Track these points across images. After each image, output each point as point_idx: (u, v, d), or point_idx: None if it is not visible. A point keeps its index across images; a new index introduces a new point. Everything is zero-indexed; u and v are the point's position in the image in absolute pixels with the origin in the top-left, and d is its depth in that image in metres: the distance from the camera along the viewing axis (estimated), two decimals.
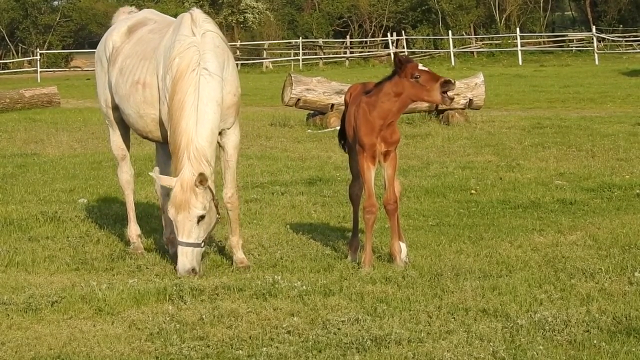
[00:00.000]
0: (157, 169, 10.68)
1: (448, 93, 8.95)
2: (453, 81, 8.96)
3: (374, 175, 9.43)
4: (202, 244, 9.44)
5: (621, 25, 72.00)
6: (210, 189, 9.37)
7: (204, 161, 9.33)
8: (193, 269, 9.30)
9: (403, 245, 9.62)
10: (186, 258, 9.32)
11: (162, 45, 9.96)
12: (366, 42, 76.00)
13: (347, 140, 9.91)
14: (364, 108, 9.29)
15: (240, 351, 7.11)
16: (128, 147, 11.07)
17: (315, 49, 71.23)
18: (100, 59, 10.91)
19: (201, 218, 9.32)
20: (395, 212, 9.48)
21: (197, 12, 10.07)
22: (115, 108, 10.62)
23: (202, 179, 9.23)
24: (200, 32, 9.73)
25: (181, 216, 9.29)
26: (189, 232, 9.30)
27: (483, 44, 68.91)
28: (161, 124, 9.96)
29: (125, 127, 10.77)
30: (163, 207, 10.31)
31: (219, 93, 9.55)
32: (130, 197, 11.04)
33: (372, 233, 9.58)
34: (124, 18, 11.19)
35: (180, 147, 9.36)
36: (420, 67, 9.01)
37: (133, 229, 10.86)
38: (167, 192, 9.86)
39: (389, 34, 69.85)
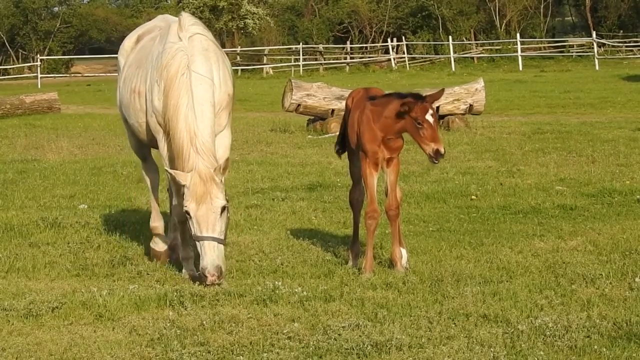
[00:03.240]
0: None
1: (435, 159, 8.85)
2: (443, 153, 8.82)
3: (376, 180, 9.44)
4: (225, 241, 9.17)
5: (621, 31, 72.04)
6: (222, 182, 9.20)
7: (211, 155, 9.19)
8: (220, 268, 8.97)
9: (404, 251, 9.63)
10: (214, 253, 8.97)
11: (151, 54, 9.91)
12: (366, 47, 76.04)
13: (347, 145, 9.90)
14: (368, 115, 9.26)
15: (241, 357, 7.11)
16: (149, 147, 10.75)
17: (316, 55, 71.26)
18: (119, 67, 10.91)
19: (223, 209, 9.06)
20: (397, 218, 9.49)
21: (184, 17, 9.91)
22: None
23: (226, 165, 9.10)
24: (187, 36, 9.63)
25: (204, 208, 8.99)
26: (213, 225, 8.99)
27: (483, 49, 68.93)
28: (149, 133, 9.88)
29: (137, 134, 10.53)
30: (173, 211, 10.05)
31: (212, 95, 9.49)
32: (155, 191, 10.78)
33: (374, 239, 9.58)
34: (140, 26, 11.19)
35: (184, 145, 9.19)
36: (429, 114, 8.81)
37: (157, 221, 10.60)
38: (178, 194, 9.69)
39: (389, 40, 69.85)
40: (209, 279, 8.90)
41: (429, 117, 8.81)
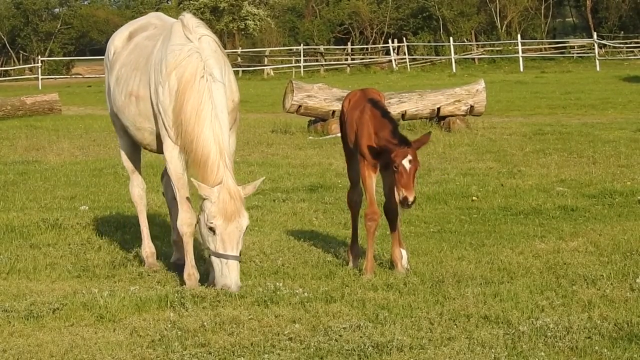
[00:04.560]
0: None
1: (402, 205, 8.90)
2: (410, 202, 8.83)
3: (375, 182, 9.44)
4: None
5: (622, 32, 71.97)
6: None
7: (232, 168, 8.99)
8: (240, 286, 8.83)
9: (404, 252, 9.62)
10: (237, 273, 8.81)
11: (153, 57, 9.49)
12: (367, 48, 76.02)
13: (345, 146, 9.89)
14: (368, 119, 9.24)
15: (242, 358, 7.11)
16: (138, 158, 10.56)
17: (317, 56, 71.27)
18: (106, 64, 10.51)
19: (246, 228, 8.92)
20: (397, 219, 9.47)
21: (188, 18, 9.51)
22: (117, 116, 10.18)
23: (255, 186, 9.01)
24: (196, 37, 9.26)
25: (232, 227, 8.74)
26: (237, 243, 8.79)
27: (484, 50, 68.92)
28: (158, 137, 9.53)
29: (132, 137, 10.22)
30: (173, 222, 9.87)
31: (225, 100, 9.17)
32: (143, 214, 10.49)
33: (374, 240, 9.57)
34: (129, 22, 10.83)
35: (210, 156, 8.84)
36: (406, 160, 8.80)
37: (147, 247, 10.36)
38: (175, 205, 9.51)
39: (390, 41, 69.88)
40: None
41: (405, 162, 8.82)
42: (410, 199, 8.82)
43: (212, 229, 8.78)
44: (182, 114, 9.02)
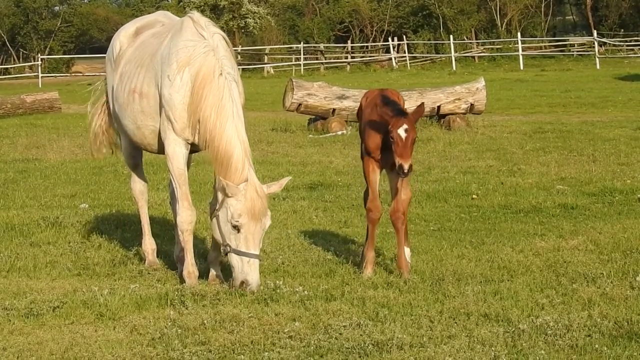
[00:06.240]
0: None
1: (400, 173, 8.83)
2: (405, 170, 8.74)
3: (379, 179, 9.41)
4: None
5: (622, 30, 72.00)
6: None
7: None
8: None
9: (407, 250, 9.57)
10: (257, 271, 8.78)
11: (160, 53, 9.37)
12: (367, 47, 76.05)
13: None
14: (374, 116, 9.24)
15: (242, 356, 7.11)
16: (140, 154, 10.46)
17: (317, 54, 71.25)
18: (109, 61, 10.35)
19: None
20: (399, 221, 9.34)
21: (197, 15, 9.46)
22: (118, 115, 10.03)
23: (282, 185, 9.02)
24: (209, 35, 9.18)
25: (259, 226, 8.75)
26: (259, 242, 8.81)
27: (484, 48, 68.92)
28: (159, 136, 9.43)
29: (131, 137, 10.02)
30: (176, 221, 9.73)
31: (239, 99, 9.12)
32: (144, 210, 10.42)
33: (374, 238, 9.54)
34: (136, 18, 10.74)
35: (235, 154, 8.76)
36: (402, 130, 8.74)
37: (148, 244, 10.30)
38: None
39: (390, 39, 69.88)
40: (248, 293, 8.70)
41: (401, 131, 8.78)
42: (406, 167, 8.77)
43: (236, 227, 8.73)
44: (201, 111, 8.93)
